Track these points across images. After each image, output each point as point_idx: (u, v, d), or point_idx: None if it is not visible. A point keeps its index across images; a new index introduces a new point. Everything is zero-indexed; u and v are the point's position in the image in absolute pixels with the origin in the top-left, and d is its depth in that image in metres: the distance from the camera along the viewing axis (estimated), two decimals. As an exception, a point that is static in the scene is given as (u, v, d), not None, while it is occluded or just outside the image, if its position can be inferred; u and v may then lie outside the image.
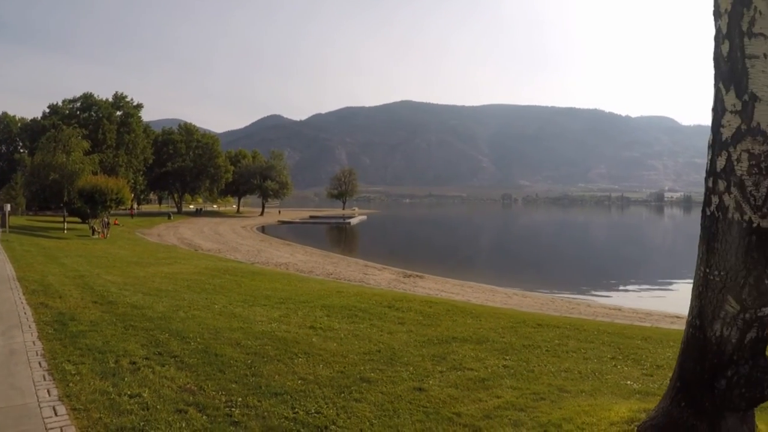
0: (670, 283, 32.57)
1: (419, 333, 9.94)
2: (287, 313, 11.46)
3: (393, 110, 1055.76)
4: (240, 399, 6.34)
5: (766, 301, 4.64)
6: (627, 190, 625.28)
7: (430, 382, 7.11)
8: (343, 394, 6.56)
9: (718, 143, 4.78)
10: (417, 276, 28.29)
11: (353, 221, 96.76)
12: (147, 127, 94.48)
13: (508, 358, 8.48)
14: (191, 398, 6.37)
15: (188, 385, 6.79)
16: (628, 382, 7.53)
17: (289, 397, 6.43)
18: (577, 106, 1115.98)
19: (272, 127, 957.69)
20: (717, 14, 4.79)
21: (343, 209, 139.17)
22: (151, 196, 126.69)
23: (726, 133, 4.71)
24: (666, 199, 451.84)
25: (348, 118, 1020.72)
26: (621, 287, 30.89)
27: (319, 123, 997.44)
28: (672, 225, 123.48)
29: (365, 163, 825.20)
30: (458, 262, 42.77)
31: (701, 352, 4.85)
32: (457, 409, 6.17)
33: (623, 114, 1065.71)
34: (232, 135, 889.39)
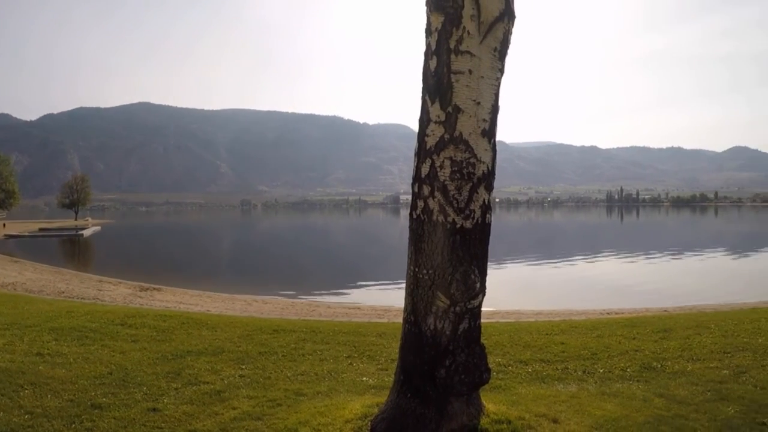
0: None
1: (153, 350, 9.50)
2: (12, 341, 10.39)
3: (130, 112, 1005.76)
4: (-39, 447, 5.68)
5: (474, 294, 5.07)
6: (364, 193, 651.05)
7: (165, 400, 6.83)
8: (73, 425, 6.04)
9: (423, 151, 5.13)
10: (154, 289, 27.15)
11: (86, 233, 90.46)
12: None
13: (244, 367, 8.40)
14: None
15: None
16: (364, 378, 7.82)
17: (15, 435, 5.88)
18: (317, 113, 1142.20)
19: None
20: (428, 32, 5.11)
21: (76, 220, 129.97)
22: None
23: (430, 141, 5.06)
24: (401, 201, 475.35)
25: (82, 119, 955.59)
26: (362, 285, 31.90)
27: (50, 124, 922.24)
28: (407, 225, 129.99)
29: (99, 168, 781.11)
30: (198, 271, 41.75)
31: (419, 345, 5.16)
32: (192, 426, 5.99)
33: (361, 121, 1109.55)
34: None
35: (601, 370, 8.20)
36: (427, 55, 5.13)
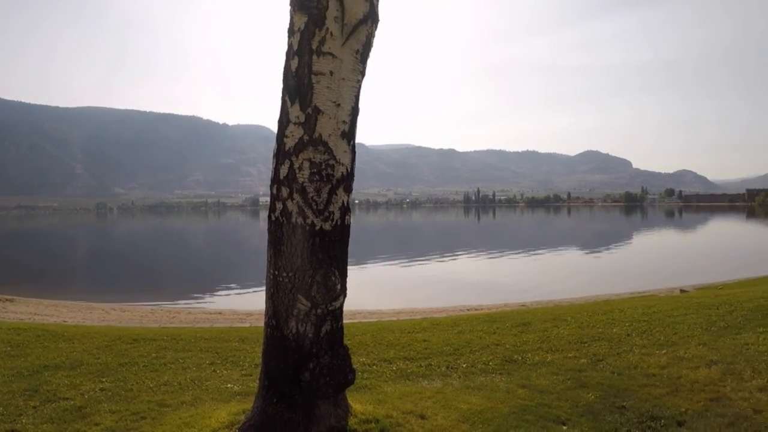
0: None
1: (7, 366, 8.85)
2: None
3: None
4: None
5: (335, 295, 5.09)
6: (223, 196, 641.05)
7: (24, 421, 6.36)
8: (-74, 454, 5.63)
9: (281, 153, 5.08)
10: (6, 300, 25.53)
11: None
12: None
13: (104, 380, 7.99)
14: None
15: None
16: (229, 385, 7.66)
17: None
18: (176, 113, 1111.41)
19: None
20: (291, 32, 5.06)
21: None
22: None
23: (289, 143, 5.03)
24: (261, 203, 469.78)
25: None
26: (223, 290, 31.35)
27: None
28: (266, 227, 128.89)
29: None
30: (53, 279, 39.71)
31: (282, 349, 5.11)
32: (55, 446, 5.68)
33: (221, 122, 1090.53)
34: None
35: (464, 365, 8.42)
36: (289, 55, 5.07)
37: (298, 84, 4.98)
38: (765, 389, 6.96)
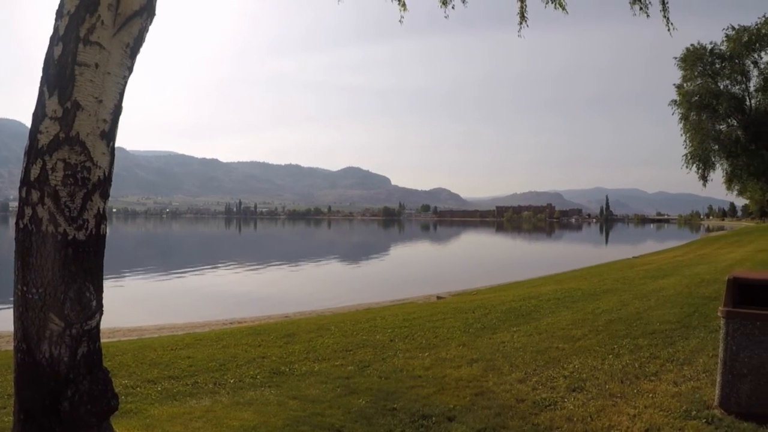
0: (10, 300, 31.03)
1: None
2: None
3: None
4: None
5: (90, 313, 4.61)
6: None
7: None
8: None
9: (34, 150, 4.54)
10: None
11: None
12: None
13: None
14: None
15: None
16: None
17: None
18: None
19: None
20: (59, 14, 4.55)
21: None
22: None
23: (43, 140, 4.50)
24: (11, 209, 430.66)
25: None
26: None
27: None
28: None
29: None
30: None
31: (35, 376, 4.54)
32: None
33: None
34: None
35: (232, 381, 8.19)
36: (53, 40, 4.56)
37: (60, 74, 4.49)
38: (524, 381, 7.61)
